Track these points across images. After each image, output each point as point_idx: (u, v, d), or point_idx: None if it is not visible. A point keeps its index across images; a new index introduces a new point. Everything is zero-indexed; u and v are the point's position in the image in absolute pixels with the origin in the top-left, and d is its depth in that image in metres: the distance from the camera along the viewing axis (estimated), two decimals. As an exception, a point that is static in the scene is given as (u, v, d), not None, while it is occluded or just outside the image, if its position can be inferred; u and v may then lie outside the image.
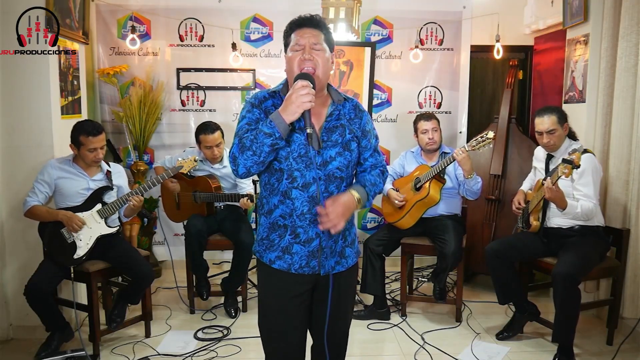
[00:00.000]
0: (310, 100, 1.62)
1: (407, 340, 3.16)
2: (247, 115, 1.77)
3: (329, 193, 1.76)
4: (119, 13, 4.21)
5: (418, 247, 3.47)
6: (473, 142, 3.14)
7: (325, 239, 1.78)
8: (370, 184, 1.88)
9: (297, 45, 1.73)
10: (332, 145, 1.77)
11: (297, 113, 1.63)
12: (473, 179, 3.24)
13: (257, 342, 2.08)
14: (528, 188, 3.26)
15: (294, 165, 1.73)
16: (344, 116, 1.83)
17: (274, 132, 1.63)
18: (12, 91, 3.04)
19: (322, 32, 1.76)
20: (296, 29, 1.76)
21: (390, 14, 4.40)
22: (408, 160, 3.62)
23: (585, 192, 2.85)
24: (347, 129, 1.81)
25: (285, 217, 1.77)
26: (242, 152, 1.67)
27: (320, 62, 1.72)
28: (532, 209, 3.03)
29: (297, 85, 1.64)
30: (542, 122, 2.98)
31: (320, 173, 1.75)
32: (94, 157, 2.88)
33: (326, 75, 1.77)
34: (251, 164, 1.68)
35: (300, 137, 1.72)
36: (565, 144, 3.01)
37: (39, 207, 2.85)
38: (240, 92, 4.40)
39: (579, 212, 2.81)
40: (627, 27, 3.09)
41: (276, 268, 1.80)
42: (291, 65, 1.74)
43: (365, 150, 1.89)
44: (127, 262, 2.94)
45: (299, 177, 1.73)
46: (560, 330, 2.77)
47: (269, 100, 1.80)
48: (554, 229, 3.00)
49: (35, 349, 2.89)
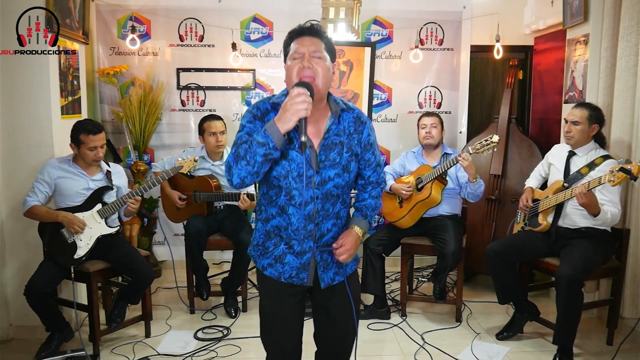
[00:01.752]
0: (306, 107, 1.56)
1: (407, 340, 3.16)
2: (247, 125, 1.73)
3: (325, 211, 1.76)
4: (119, 13, 4.21)
5: (418, 247, 3.47)
6: (477, 145, 3.11)
7: (319, 253, 1.79)
8: (371, 210, 1.91)
9: (296, 53, 1.68)
10: (331, 165, 1.74)
11: (292, 121, 1.57)
12: (476, 182, 3.24)
13: (257, 342, 2.08)
14: (536, 185, 3.22)
15: (292, 185, 1.71)
16: (344, 132, 1.77)
17: (268, 141, 1.59)
18: (12, 91, 3.04)
19: (322, 40, 1.71)
20: (296, 37, 1.71)
21: (390, 14, 4.39)
22: (409, 160, 3.62)
23: (611, 198, 2.80)
24: (346, 147, 1.76)
25: (281, 229, 1.78)
26: (237, 162, 1.64)
27: (320, 71, 1.66)
28: (545, 208, 3.00)
29: (292, 93, 1.58)
30: (573, 113, 2.94)
31: (318, 192, 1.73)
32: (94, 155, 2.88)
33: (326, 86, 1.71)
34: (245, 174, 1.64)
35: (301, 156, 1.68)
36: (589, 145, 2.95)
37: (39, 207, 2.85)
38: (240, 92, 4.40)
39: (609, 217, 2.76)
40: (627, 27, 3.09)
41: (267, 275, 1.82)
42: (290, 75, 1.69)
43: (368, 165, 1.86)
44: (128, 262, 2.93)
45: (297, 196, 1.72)
46: (561, 332, 2.77)
47: (271, 113, 1.74)
48: (562, 228, 2.97)
49: (35, 349, 2.90)
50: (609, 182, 2.52)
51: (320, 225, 1.77)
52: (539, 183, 3.24)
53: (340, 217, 1.83)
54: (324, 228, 1.78)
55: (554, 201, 2.92)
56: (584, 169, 2.87)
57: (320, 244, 1.79)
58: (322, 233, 1.79)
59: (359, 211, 1.92)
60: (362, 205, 1.93)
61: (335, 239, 1.82)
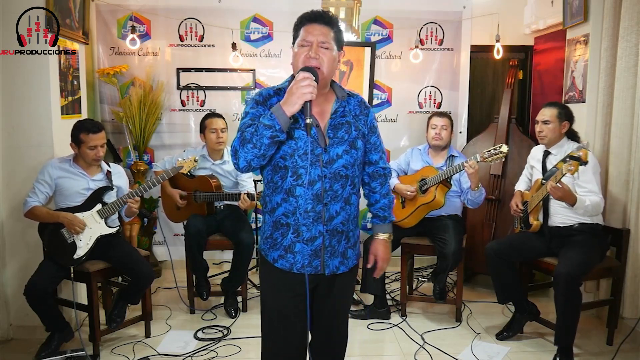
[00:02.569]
0: (311, 91, 1.61)
1: (407, 340, 3.16)
2: (250, 112, 1.76)
3: (333, 192, 1.76)
4: (119, 13, 4.21)
5: (418, 247, 3.47)
6: (485, 154, 3.10)
7: (329, 237, 1.79)
8: (387, 209, 1.96)
9: (304, 41, 1.72)
10: (339, 142, 1.77)
11: (297, 104, 1.62)
12: (478, 190, 3.26)
13: (257, 342, 2.08)
14: (524, 188, 3.26)
15: (299, 163, 1.72)
16: (350, 112, 1.83)
17: (274, 124, 1.62)
18: (12, 91, 3.04)
19: (332, 29, 1.74)
20: (307, 23, 1.73)
21: (390, 14, 4.40)
22: (414, 157, 3.63)
23: (590, 188, 2.86)
24: (353, 126, 1.81)
25: (288, 215, 1.77)
26: (243, 145, 1.67)
27: (325, 61, 1.71)
28: (532, 208, 3.03)
29: (298, 77, 1.64)
30: (542, 113, 3.06)
31: (326, 171, 1.74)
32: (94, 155, 2.88)
33: (330, 74, 1.76)
34: (252, 157, 1.67)
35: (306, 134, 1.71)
36: (562, 141, 3.04)
37: (40, 208, 2.85)
38: (240, 92, 4.40)
39: (589, 205, 2.79)
40: (627, 27, 3.09)
41: (278, 267, 1.81)
42: (297, 61, 1.74)
43: (374, 149, 1.91)
44: (128, 262, 2.94)
45: (304, 175, 1.72)
46: (561, 332, 2.77)
47: (274, 97, 1.78)
48: (554, 227, 3.00)
49: (35, 349, 2.90)
50: (568, 172, 2.60)
51: (329, 206, 1.76)
52: (527, 186, 3.27)
53: (350, 204, 1.82)
54: (332, 210, 1.77)
55: (537, 199, 2.97)
56: (559, 164, 2.91)
57: (330, 227, 1.78)
58: (330, 215, 1.77)
59: (376, 217, 1.98)
60: (377, 209, 1.97)
61: (344, 225, 1.81)
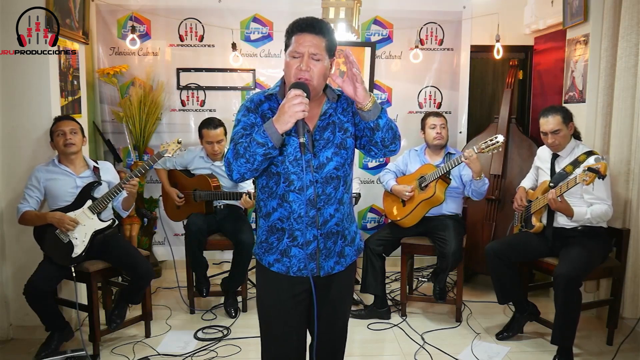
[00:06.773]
0: (303, 109, 1.59)
1: (407, 340, 3.16)
2: (242, 120, 1.76)
3: (327, 195, 1.77)
4: (119, 13, 4.21)
5: (418, 247, 3.47)
6: (482, 145, 3.10)
7: (323, 240, 1.79)
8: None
9: (295, 52, 1.69)
10: (325, 144, 1.76)
11: (290, 123, 1.61)
12: (481, 180, 3.24)
13: (257, 342, 2.08)
14: (529, 186, 3.24)
15: (290, 169, 1.73)
16: (335, 111, 1.80)
17: (267, 142, 1.62)
18: (12, 91, 3.04)
19: (324, 38, 1.71)
20: (297, 32, 1.70)
21: (390, 14, 4.39)
22: (412, 158, 3.62)
23: (599, 195, 2.84)
24: (338, 126, 1.78)
25: (283, 220, 1.78)
26: (236, 159, 1.67)
27: (316, 73, 1.69)
28: (536, 210, 3.02)
29: (289, 95, 1.61)
30: (547, 123, 2.96)
31: (317, 176, 1.74)
32: (64, 141, 2.88)
33: (321, 84, 1.74)
34: (245, 171, 1.68)
35: (297, 140, 1.70)
36: (570, 143, 3.00)
37: (29, 212, 2.86)
38: (240, 92, 4.39)
39: (588, 217, 2.81)
40: (627, 27, 3.09)
41: (275, 271, 1.81)
42: (289, 72, 1.72)
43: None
44: (127, 261, 2.94)
45: (295, 181, 1.73)
46: (560, 332, 2.77)
47: (265, 103, 1.78)
48: (557, 228, 2.99)
49: (35, 349, 2.90)
50: (582, 181, 2.59)
51: (323, 210, 1.77)
52: (532, 184, 3.25)
53: (343, 203, 1.82)
54: (326, 214, 1.78)
55: (542, 202, 2.95)
56: (568, 167, 2.92)
57: (324, 231, 1.78)
58: (325, 219, 1.78)
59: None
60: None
61: (339, 226, 1.81)
